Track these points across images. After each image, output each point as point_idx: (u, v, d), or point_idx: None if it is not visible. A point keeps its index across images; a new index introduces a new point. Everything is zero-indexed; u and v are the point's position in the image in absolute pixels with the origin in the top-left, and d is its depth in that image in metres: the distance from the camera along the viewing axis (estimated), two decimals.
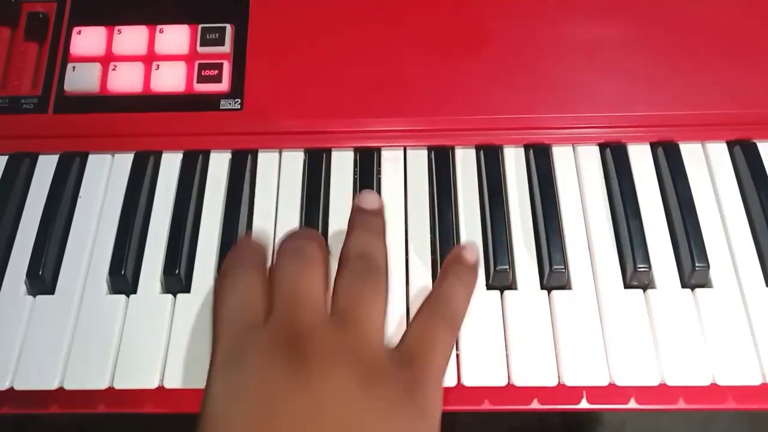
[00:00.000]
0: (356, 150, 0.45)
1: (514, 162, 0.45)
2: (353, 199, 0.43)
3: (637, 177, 0.43)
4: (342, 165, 0.45)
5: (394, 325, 0.38)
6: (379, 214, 0.38)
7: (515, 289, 0.40)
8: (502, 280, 0.40)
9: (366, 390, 0.28)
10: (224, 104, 0.45)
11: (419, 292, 0.40)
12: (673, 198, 0.42)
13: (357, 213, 0.38)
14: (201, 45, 0.46)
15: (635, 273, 0.39)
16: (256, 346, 0.30)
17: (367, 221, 0.37)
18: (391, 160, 0.45)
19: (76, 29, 0.47)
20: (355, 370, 0.29)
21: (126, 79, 0.46)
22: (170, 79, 0.46)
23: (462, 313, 0.36)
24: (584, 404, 0.38)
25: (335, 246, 0.41)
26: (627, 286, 0.40)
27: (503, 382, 0.37)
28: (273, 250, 0.42)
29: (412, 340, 0.32)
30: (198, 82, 0.46)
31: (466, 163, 0.45)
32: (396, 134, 0.45)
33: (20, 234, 0.43)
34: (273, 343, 0.29)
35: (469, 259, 0.37)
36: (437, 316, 0.34)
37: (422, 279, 0.40)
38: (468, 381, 0.37)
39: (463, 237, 0.42)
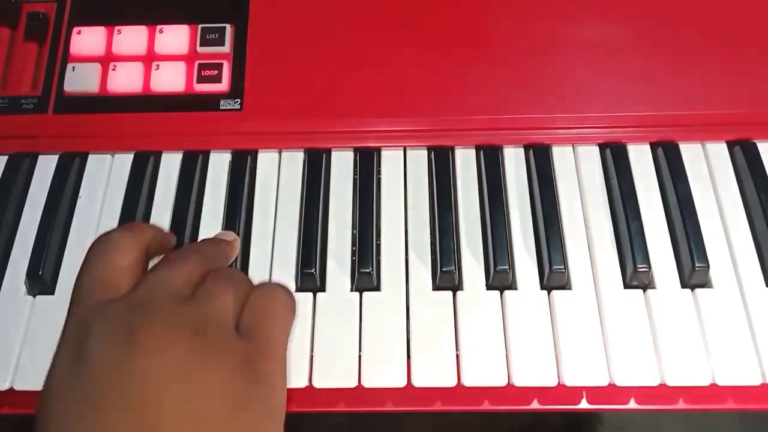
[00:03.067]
0: (356, 150, 0.45)
1: (514, 162, 0.45)
2: (353, 199, 0.43)
3: (637, 177, 0.43)
4: (342, 165, 0.45)
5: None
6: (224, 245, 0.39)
7: (515, 289, 0.40)
8: (502, 281, 0.40)
9: (201, 361, 0.28)
10: (224, 104, 0.45)
11: (419, 291, 0.40)
12: (673, 198, 0.42)
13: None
14: (201, 45, 0.46)
15: (635, 273, 0.39)
16: (103, 319, 0.29)
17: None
18: (391, 160, 0.45)
19: (75, 29, 0.47)
20: (189, 342, 0.28)
21: (126, 79, 0.46)
22: (170, 79, 0.46)
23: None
24: (584, 404, 0.38)
25: (334, 251, 0.41)
26: (627, 286, 0.40)
27: (503, 382, 0.37)
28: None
29: (251, 314, 0.32)
30: (198, 82, 0.46)
31: (466, 163, 0.45)
32: (396, 134, 0.45)
33: (20, 234, 0.43)
34: (117, 317, 0.29)
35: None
36: (272, 286, 0.33)
37: (422, 279, 0.40)
38: (468, 381, 0.37)
39: (463, 237, 0.42)
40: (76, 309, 0.31)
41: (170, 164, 0.45)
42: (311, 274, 0.40)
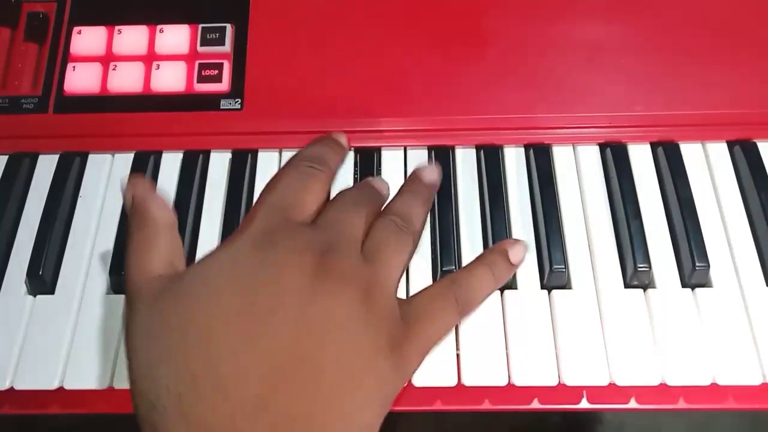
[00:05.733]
0: (356, 150, 0.45)
1: (515, 162, 0.45)
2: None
3: (638, 177, 0.43)
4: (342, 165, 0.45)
5: None
6: (432, 188, 0.41)
7: (515, 288, 0.40)
8: None
9: (363, 324, 0.30)
10: (224, 104, 0.45)
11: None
12: (673, 198, 0.42)
13: (412, 181, 0.41)
14: (201, 45, 0.46)
15: (635, 273, 0.39)
16: (293, 239, 0.31)
17: (419, 190, 0.40)
18: (391, 160, 0.45)
19: (76, 29, 0.47)
20: (361, 300, 0.30)
21: (126, 79, 0.46)
22: (170, 78, 0.46)
23: (477, 304, 0.37)
24: (584, 404, 0.38)
25: None
26: (627, 285, 0.40)
27: (503, 382, 0.37)
28: None
29: (420, 305, 0.34)
30: (198, 81, 0.46)
31: (466, 163, 0.45)
32: (396, 134, 0.45)
33: (20, 234, 0.43)
34: (307, 244, 0.31)
35: (513, 259, 0.38)
36: (451, 296, 0.35)
37: (422, 279, 0.40)
38: (468, 381, 0.37)
39: (463, 237, 0.42)
40: (268, 212, 0.33)
41: (170, 164, 0.45)
42: None
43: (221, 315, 0.28)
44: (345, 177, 0.44)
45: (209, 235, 0.42)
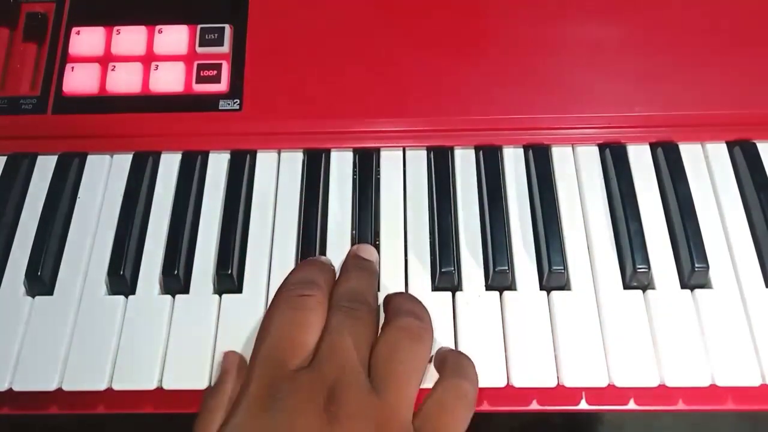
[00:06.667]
0: (355, 150, 0.45)
1: (514, 162, 0.45)
2: (352, 199, 0.43)
3: (637, 177, 0.43)
4: (341, 165, 0.45)
5: None
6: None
7: (514, 290, 0.40)
8: (501, 281, 0.40)
9: None
10: (223, 105, 0.45)
11: (418, 294, 0.39)
12: (673, 198, 0.42)
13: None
14: (200, 45, 0.46)
15: (635, 274, 0.39)
16: (295, 392, 0.31)
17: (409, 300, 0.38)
18: (390, 161, 0.45)
19: (74, 29, 0.47)
20: None
21: (125, 80, 0.46)
22: (169, 79, 0.46)
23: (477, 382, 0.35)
24: (583, 405, 0.38)
25: (333, 252, 0.41)
26: (626, 287, 0.40)
27: (502, 383, 0.37)
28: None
29: (431, 417, 0.32)
30: (197, 82, 0.46)
31: (465, 163, 0.45)
32: (395, 135, 0.45)
33: (19, 235, 0.43)
34: (310, 393, 0.30)
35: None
36: (457, 394, 0.33)
37: (421, 280, 0.40)
38: None
39: (463, 237, 0.42)
40: (265, 367, 0.32)
41: (169, 164, 0.45)
42: None
43: None
44: (344, 178, 0.44)
45: (208, 236, 0.42)
